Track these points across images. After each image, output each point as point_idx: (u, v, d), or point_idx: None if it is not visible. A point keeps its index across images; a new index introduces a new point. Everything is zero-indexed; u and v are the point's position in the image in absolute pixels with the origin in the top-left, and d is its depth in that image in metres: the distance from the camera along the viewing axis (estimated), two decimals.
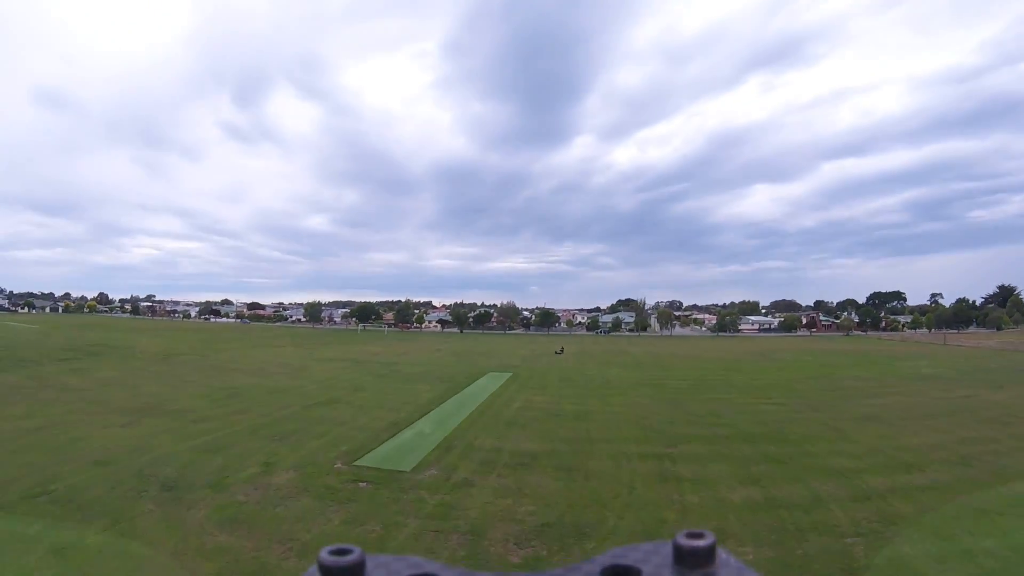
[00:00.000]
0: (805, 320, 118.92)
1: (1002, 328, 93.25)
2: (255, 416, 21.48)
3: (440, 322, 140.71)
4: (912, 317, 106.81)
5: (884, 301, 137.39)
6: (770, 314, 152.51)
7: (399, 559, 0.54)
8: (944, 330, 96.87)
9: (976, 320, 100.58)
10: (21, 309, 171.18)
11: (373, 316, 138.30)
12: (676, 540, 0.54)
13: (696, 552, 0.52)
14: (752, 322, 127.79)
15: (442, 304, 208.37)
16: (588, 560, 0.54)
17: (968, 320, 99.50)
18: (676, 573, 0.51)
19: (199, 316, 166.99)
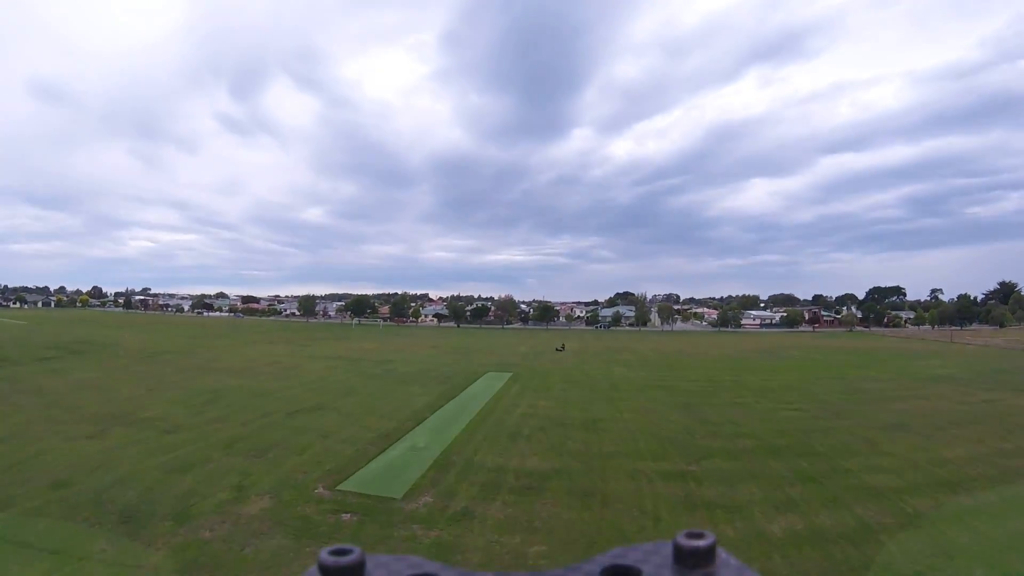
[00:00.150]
0: (808, 316, 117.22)
1: (1005, 325, 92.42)
2: (234, 425, 19.72)
3: (437, 316, 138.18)
4: (915, 313, 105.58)
5: (884, 296, 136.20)
6: (769, 308, 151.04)
7: (399, 559, 0.54)
8: (948, 327, 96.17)
9: (979, 317, 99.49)
10: (12, 304, 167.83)
11: (368, 310, 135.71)
12: (676, 540, 0.54)
13: (696, 552, 0.52)
14: (753, 317, 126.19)
15: (439, 297, 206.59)
16: (588, 560, 0.54)
17: (971, 317, 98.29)
18: (676, 573, 0.52)
19: (192, 310, 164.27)
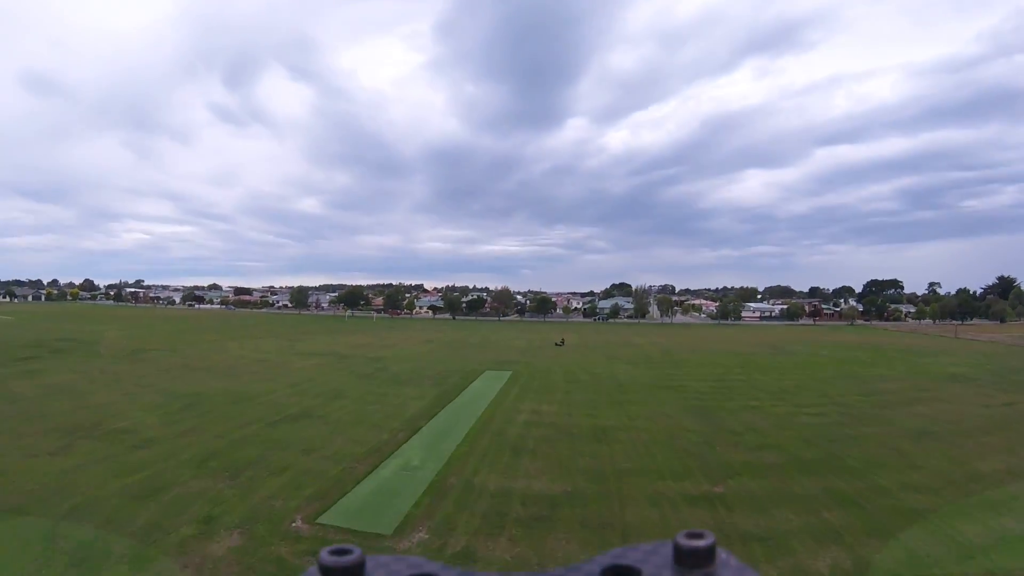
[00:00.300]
0: (808, 309, 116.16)
1: (1005, 320, 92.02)
2: (209, 437, 18.07)
3: (432, 308, 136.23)
4: (916, 308, 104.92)
5: (881, 289, 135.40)
6: (767, 301, 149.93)
7: (399, 559, 0.54)
8: (949, 321, 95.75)
9: (979, 312, 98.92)
10: (2, 298, 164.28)
11: (362, 301, 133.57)
12: (676, 540, 0.53)
13: (696, 552, 0.52)
14: (752, 310, 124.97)
15: (433, 288, 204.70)
16: (588, 560, 0.53)
17: (972, 312, 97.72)
18: (676, 573, 0.51)
19: (183, 303, 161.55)
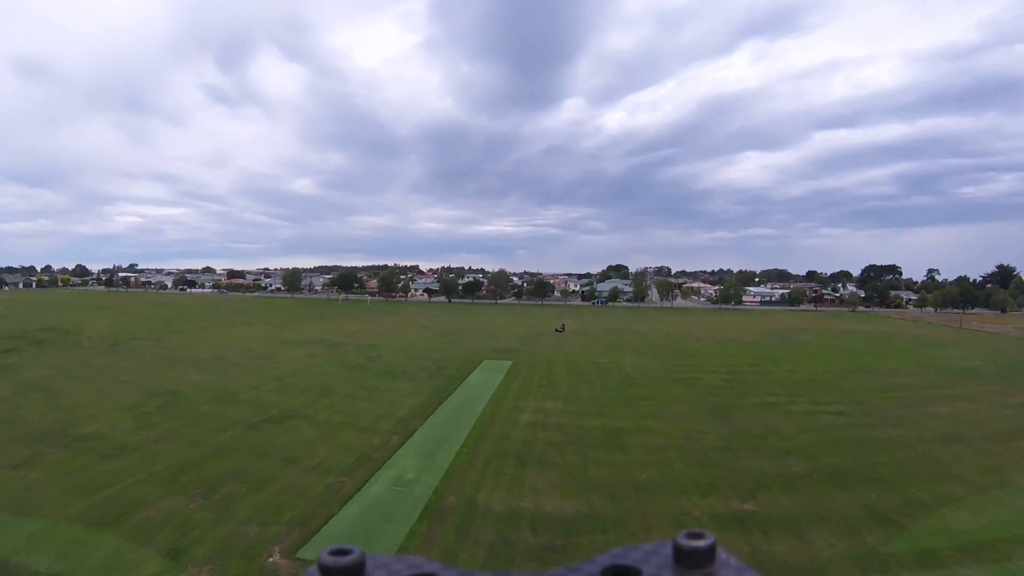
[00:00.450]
0: (810, 294, 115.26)
1: (1007, 310, 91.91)
2: (184, 444, 16.57)
3: (427, 291, 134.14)
4: (919, 295, 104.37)
5: (879, 274, 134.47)
6: (765, 284, 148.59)
7: (399, 559, 0.54)
8: (951, 310, 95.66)
9: (980, 301, 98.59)
10: None
11: (356, 284, 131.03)
12: (676, 540, 0.53)
13: (696, 552, 0.52)
14: (752, 294, 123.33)
15: (429, 268, 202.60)
16: (588, 560, 0.53)
17: (974, 300, 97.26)
18: (676, 573, 0.51)
19: (175, 288, 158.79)
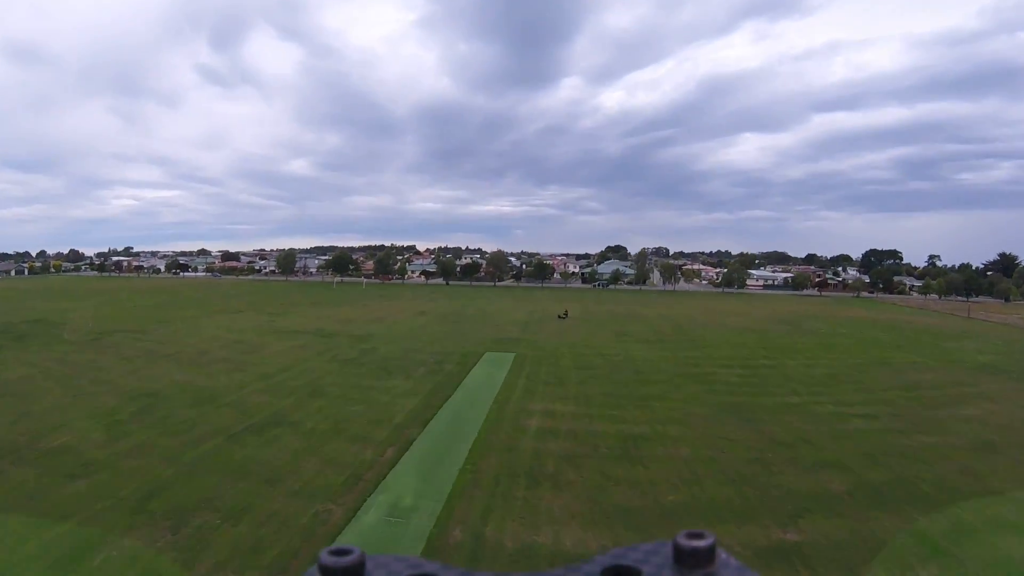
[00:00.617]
0: (815, 279, 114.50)
1: (1010, 300, 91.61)
2: (156, 461, 15.16)
3: (424, 273, 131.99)
4: (924, 282, 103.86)
5: (880, 259, 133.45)
6: (765, 267, 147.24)
7: (399, 559, 0.54)
8: (955, 297, 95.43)
9: (983, 289, 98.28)
10: None
11: (351, 266, 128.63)
12: (676, 540, 0.53)
13: (696, 552, 0.52)
14: (756, 278, 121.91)
15: (426, 249, 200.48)
16: (588, 560, 0.53)
17: (977, 288, 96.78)
18: (676, 573, 0.51)
19: (168, 272, 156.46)
